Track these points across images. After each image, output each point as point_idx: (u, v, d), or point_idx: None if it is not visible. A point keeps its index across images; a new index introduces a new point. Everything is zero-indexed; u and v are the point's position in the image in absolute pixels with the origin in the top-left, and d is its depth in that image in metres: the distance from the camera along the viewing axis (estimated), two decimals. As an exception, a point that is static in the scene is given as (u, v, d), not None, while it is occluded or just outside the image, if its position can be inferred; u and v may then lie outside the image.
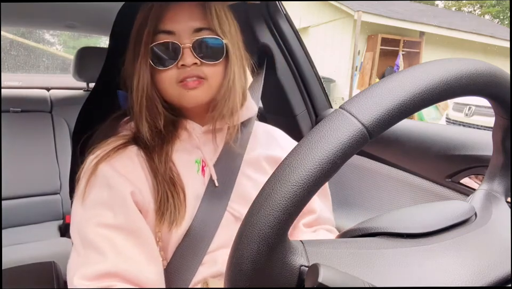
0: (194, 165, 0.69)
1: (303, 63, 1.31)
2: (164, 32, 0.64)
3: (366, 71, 8.65)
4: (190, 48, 0.63)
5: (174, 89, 0.65)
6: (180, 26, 0.64)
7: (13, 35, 3.46)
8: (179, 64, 0.63)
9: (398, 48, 8.74)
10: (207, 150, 0.70)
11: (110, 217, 0.60)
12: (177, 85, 0.64)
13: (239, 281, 0.30)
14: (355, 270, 0.33)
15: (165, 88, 0.66)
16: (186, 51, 0.63)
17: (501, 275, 0.34)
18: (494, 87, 0.37)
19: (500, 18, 17.31)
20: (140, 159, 0.65)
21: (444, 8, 16.95)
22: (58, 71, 3.98)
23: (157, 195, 0.63)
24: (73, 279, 0.57)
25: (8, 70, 3.30)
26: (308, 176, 0.29)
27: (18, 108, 1.78)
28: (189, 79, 0.64)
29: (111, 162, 0.63)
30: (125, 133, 0.69)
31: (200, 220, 0.65)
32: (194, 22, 0.65)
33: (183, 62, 0.63)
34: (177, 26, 0.64)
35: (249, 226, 0.30)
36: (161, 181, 0.63)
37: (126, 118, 0.71)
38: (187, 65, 0.63)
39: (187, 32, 0.64)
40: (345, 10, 8.69)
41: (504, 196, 0.46)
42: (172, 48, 0.64)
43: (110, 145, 0.66)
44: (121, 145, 0.66)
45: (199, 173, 0.68)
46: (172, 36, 0.64)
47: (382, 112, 0.31)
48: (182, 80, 0.64)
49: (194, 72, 0.64)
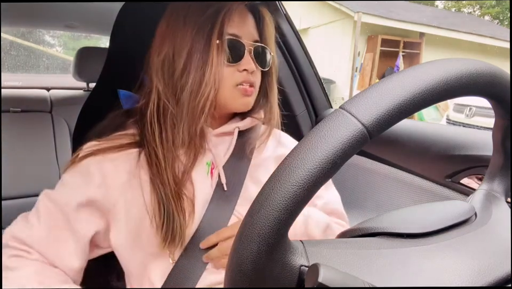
0: (205, 167, 0.69)
1: (303, 63, 1.31)
2: (232, 34, 0.66)
3: (366, 72, 8.66)
4: (251, 52, 0.67)
5: (232, 91, 0.66)
6: (244, 32, 0.67)
7: (13, 36, 3.46)
8: (240, 68, 0.66)
9: (398, 49, 8.75)
10: (218, 152, 0.70)
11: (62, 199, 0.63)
12: (234, 88, 0.66)
13: (239, 281, 0.30)
14: (355, 270, 0.33)
15: (223, 88, 0.66)
16: (247, 56, 0.67)
17: (501, 275, 0.34)
18: (494, 87, 0.37)
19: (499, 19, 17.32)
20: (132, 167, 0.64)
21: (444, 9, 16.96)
22: (58, 71, 3.98)
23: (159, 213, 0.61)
24: (6, 231, 0.64)
25: (8, 70, 3.30)
26: (308, 176, 0.29)
27: (18, 108, 1.78)
28: (245, 84, 0.66)
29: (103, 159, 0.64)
30: (132, 132, 0.68)
31: (207, 223, 0.64)
32: (253, 34, 0.69)
33: (246, 66, 0.66)
34: (242, 31, 0.67)
35: (249, 226, 0.30)
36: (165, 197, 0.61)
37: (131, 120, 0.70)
38: (249, 70, 0.66)
39: (249, 38, 0.68)
40: (345, 11, 8.69)
41: (504, 196, 0.46)
42: (239, 48, 0.66)
43: (112, 140, 0.66)
44: (125, 146, 0.65)
45: (208, 175, 0.68)
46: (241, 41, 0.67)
47: (382, 112, 0.31)
48: (239, 84, 0.66)
49: (251, 78, 0.67)
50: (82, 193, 0.63)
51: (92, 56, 1.83)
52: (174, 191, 0.62)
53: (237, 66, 0.66)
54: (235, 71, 0.66)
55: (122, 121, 0.70)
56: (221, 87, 0.65)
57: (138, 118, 0.68)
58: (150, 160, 0.63)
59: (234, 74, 0.66)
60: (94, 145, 0.65)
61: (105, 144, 0.65)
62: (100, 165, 0.63)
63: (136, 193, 0.63)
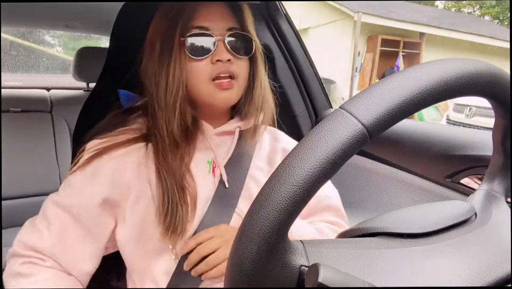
0: (206, 165, 0.69)
1: (303, 63, 1.31)
2: (198, 27, 0.64)
3: (366, 72, 8.65)
4: (224, 41, 0.64)
5: (207, 86, 0.64)
6: (213, 24, 0.65)
7: (13, 36, 3.46)
8: (213, 60, 0.63)
9: (398, 49, 8.75)
10: (219, 151, 0.70)
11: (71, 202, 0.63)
12: (210, 83, 0.64)
13: (239, 281, 0.30)
14: (355, 270, 0.33)
15: (197, 84, 0.65)
16: (220, 45, 0.64)
17: (501, 275, 0.34)
18: (494, 87, 0.37)
19: (499, 19, 17.32)
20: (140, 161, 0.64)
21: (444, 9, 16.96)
22: (58, 71, 3.98)
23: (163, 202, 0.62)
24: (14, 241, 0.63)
25: (8, 70, 3.30)
26: (308, 176, 0.29)
27: (18, 108, 1.78)
28: (222, 78, 0.64)
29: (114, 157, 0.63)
30: (136, 126, 0.68)
31: (208, 220, 0.65)
32: (227, 22, 0.66)
33: (218, 56, 0.63)
34: (211, 23, 0.65)
35: (249, 226, 0.30)
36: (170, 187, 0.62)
37: (137, 113, 0.70)
38: (222, 60, 0.63)
39: (220, 29, 0.65)
40: (345, 12, 8.69)
41: (504, 196, 0.46)
42: (207, 40, 0.64)
43: (119, 136, 0.66)
44: (130, 141, 0.65)
45: (210, 173, 0.68)
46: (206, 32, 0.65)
47: (382, 112, 0.31)
48: (216, 77, 0.64)
49: (227, 69, 0.64)
50: (95, 194, 0.63)
51: (92, 56, 1.83)
52: (178, 183, 0.63)
53: (210, 58, 0.64)
54: (208, 64, 0.64)
55: (122, 118, 0.70)
56: (194, 82, 0.65)
57: (143, 112, 0.69)
58: (157, 152, 0.64)
59: (207, 68, 0.64)
60: (98, 144, 0.65)
61: (109, 142, 0.65)
62: (108, 164, 0.63)
63: (144, 185, 0.64)
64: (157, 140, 0.65)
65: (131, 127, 0.68)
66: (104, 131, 0.68)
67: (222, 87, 0.64)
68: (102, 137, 0.66)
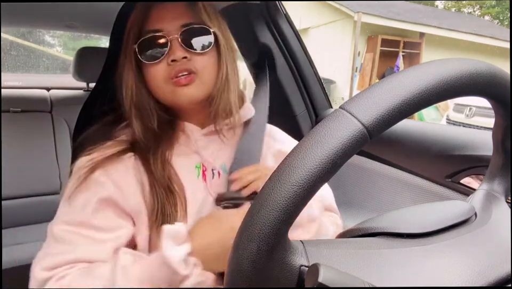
0: (194, 170, 0.67)
1: (303, 63, 1.31)
2: (151, 31, 0.63)
3: (366, 72, 8.65)
4: (178, 39, 0.62)
5: (166, 86, 0.64)
6: (167, 25, 0.63)
7: (13, 36, 3.46)
8: (169, 60, 0.62)
9: (398, 49, 8.75)
10: (208, 153, 0.69)
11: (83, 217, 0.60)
12: (169, 82, 0.63)
13: (239, 281, 0.30)
14: (355, 270, 0.33)
15: (157, 86, 0.64)
16: (175, 44, 0.62)
17: (501, 275, 0.34)
18: (494, 87, 0.37)
19: (499, 19, 17.32)
20: (135, 169, 0.64)
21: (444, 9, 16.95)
22: (58, 71, 3.98)
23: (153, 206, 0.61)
24: (34, 270, 0.58)
25: (8, 70, 3.29)
26: (308, 176, 0.29)
27: (18, 108, 1.78)
28: (180, 75, 0.62)
29: (107, 170, 0.62)
30: (123, 138, 0.68)
31: None
32: (181, 19, 0.64)
33: (173, 56, 0.62)
34: (164, 24, 0.63)
35: (249, 226, 0.30)
36: (158, 190, 0.61)
37: (123, 124, 0.69)
38: (177, 59, 0.62)
39: (174, 29, 0.63)
40: (345, 12, 8.69)
41: (504, 196, 0.46)
42: (160, 42, 0.63)
43: (107, 150, 0.64)
44: (119, 153, 0.64)
45: (200, 177, 0.67)
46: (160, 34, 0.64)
47: (382, 112, 0.31)
48: (174, 76, 0.62)
49: (185, 67, 0.62)
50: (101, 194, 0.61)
51: (91, 56, 1.83)
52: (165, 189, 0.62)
53: (166, 59, 0.63)
54: (164, 65, 0.63)
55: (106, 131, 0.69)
56: (153, 85, 0.65)
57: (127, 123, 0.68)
58: (142, 161, 0.64)
59: (163, 69, 0.63)
60: (89, 160, 0.63)
61: (99, 156, 0.63)
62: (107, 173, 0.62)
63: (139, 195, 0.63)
64: (139, 147, 0.65)
65: (118, 140, 0.67)
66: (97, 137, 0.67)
67: (180, 83, 0.63)
68: (89, 153, 0.64)
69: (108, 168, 0.62)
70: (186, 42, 0.63)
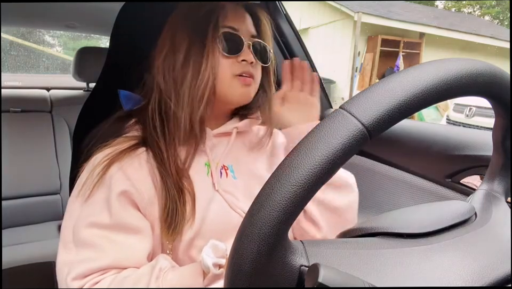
0: (204, 168, 0.69)
1: (303, 64, 1.30)
2: (230, 28, 0.68)
3: (366, 72, 8.66)
4: (250, 46, 0.69)
5: (231, 81, 0.68)
6: (242, 27, 0.69)
7: (12, 36, 3.46)
8: (239, 59, 0.67)
9: (398, 49, 8.75)
10: (217, 153, 0.71)
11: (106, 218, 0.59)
12: (233, 78, 0.68)
13: (239, 281, 0.30)
14: (355, 270, 0.33)
15: (222, 79, 0.67)
16: (246, 49, 0.68)
17: (501, 275, 0.34)
18: (494, 87, 0.37)
19: (499, 19, 17.32)
20: (148, 164, 0.64)
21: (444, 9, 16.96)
22: (58, 71, 3.98)
23: (165, 202, 0.62)
24: (67, 279, 0.57)
25: (8, 70, 3.30)
26: (308, 176, 0.29)
27: (18, 108, 1.78)
28: (245, 75, 0.68)
29: (122, 165, 0.62)
30: (134, 134, 0.68)
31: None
32: (252, 29, 0.71)
33: (245, 57, 0.68)
34: (241, 26, 0.69)
35: (249, 226, 0.30)
36: (170, 186, 0.62)
37: (132, 120, 0.70)
38: (248, 61, 0.68)
39: (247, 33, 0.70)
40: (345, 12, 8.70)
41: (504, 196, 0.46)
42: (236, 40, 0.68)
43: (120, 144, 0.65)
44: (133, 147, 0.65)
45: (209, 175, 0.69)
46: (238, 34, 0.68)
47: (382, 112, 0.31)
48: (240, 74, 0.68)
49: (250, 69, 0.69)
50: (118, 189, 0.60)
51: (91, 56, 1.83)
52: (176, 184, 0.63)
53: (236, 57, 0.68)
54: (234, 62, 0.68)
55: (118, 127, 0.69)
56: (220, 77, 0.67)
57: (140, 119, 0.69)
58: (155, 156, 0.64)
59: (233, 65, 0.68)
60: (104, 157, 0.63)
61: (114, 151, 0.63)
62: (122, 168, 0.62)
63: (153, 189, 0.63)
64: (153, 144, 0.65)
65: (129, 135, 0.68)
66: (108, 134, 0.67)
67: (245, 82, 0.68)
68: (103, 149, 0.64)
69: (123, 162, 0.63)
70: (256, 52, 0.70)
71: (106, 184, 0.61)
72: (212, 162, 0.69)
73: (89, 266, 0.57)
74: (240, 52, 0.68)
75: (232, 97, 0.69)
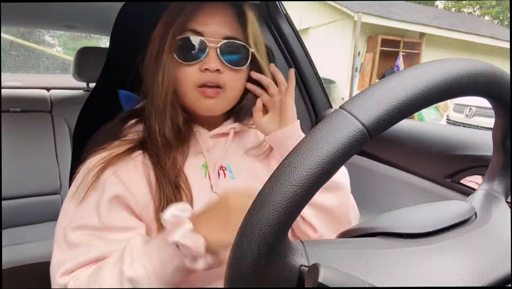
0: (202, 169, 0.68)
1: (303, 63, 1.31)
2: (192, 31, 0.63)
3: (366, 72, 8.66)
4: (217, 49, 0.62)
5: (192, 92, 0.64)
6: (210, 29, 0.63)
7: (12, 36, 3.46)
8: (202, 68, 0.62)
9: (398, 49, 8.75)
10: (212, 154, 0.69)
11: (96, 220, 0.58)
12: (195, 89, 0.63)
13: (239, 281, 0.30)
14: (355, 270, 0.33)
15: (183, 90, 0.64)
16: (212, 53, 0.62)
17: (501, 275, 0.34)
18: (494, 87, 0.37)
19: (499, 19, 17.33)
20: (144, 167, 0.63)
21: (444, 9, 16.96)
22: (58, 71, 3.98)
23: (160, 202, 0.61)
24: (55, 276, 0.56)
25: (8, 70, 3.30)
26: (307, 176, 0.29)
27: (18, 108, 1.78)
28: (208, 85, 0.63)
29: (116, 169, 0.61)
30: (131, 137, 0.67)
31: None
32: (225, 29, 0.64)
33: (207, 65, 0.62)
34: (208, 28, 0.63)
35: (249, 226, 0.30)
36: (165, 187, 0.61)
37: (132, 121, 0.69)
38: (210, 70, 0.62)
39: (215, 36, 0.63)
40: (345, 12, 8.70)
41: (504, 196, 0.46)
42: (198, 45, 0.62)
43: (116, 148, 0.64)
44: (128, 151, 0.64)
45: (206, 177, 0.67)
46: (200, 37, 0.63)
47: (382, 112, 0.31)
48: (202, 85, 0.63)
49: (215, 79, 0.63)
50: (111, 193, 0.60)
51: (91, 56, 1.83)
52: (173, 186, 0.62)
53: (199, 65, 0.63)
54: (196, 70, 0.63)
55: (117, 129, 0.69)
56: (182, 88, 0.64)
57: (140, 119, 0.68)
58: (150, 156, 0.64)
59: (194, 74, 0.63)
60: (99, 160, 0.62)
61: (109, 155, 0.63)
62: (116, 172, 0.61)
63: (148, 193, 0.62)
64: (151, 144, 0.64)
65: (127, 138, 0.67)
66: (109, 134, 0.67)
67: (206, 94, 0.63)
68: (99, 152, 0.64)
69: (117, 167, 0.62)
70: (225, 55, 0.63)
71: (100, 189, 0.60)
72: (209, 163, 0.68)
73: (77, 261, 0.57)
74: (199, 59, 0.62)
75: (197, 109, 0.65)
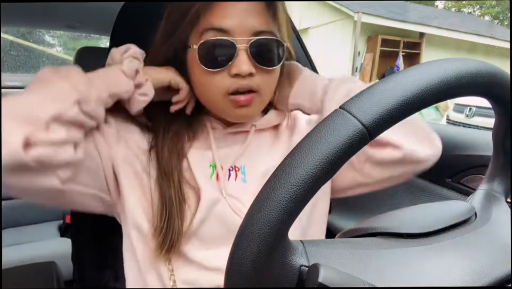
0: (209, 169, 0.62)
1: (303, 63, 1.30)
2: (215, 30, 0.53)
3: (366, 72, 8.66)
4: (247, 50, 0.53)
5: (223, 101, 0.56)
6: (236, 24, 0.53)
7: (13, 36, 3.46)
8: (232, 73, 0.54)
9: (398, 49, 8.75)
10: (227, 153, 0.63)
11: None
12: (226, 97, 0.55)
13: (239, 281, 0.30)
14: (355, 270, 0.33)
15: (210, 98, 0.57)
16: (242, 54, 0.53)
17: (501, 275, 0.34)
18: (494, 87, 0.37)
19: (499, 19, 17.33)
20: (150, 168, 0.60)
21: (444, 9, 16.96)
22: (58, 71, 3.97)
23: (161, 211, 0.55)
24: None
25: (8, 70, 3.30)
26: (308, 176, 0.29)
27: (18, 108, 1.78)
28: (241, 92, 0.55)
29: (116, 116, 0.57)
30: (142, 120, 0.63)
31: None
32: (254, 22, 0.54)
33: (237, 70, 0.53)
34: (233, 23, 0.53)
35: (249, 226, 0.30)
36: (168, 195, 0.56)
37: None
38: (242, 74, 0.53)
39: (244, 32, 0.53)
40: (345, 12, 8.70)
41: (504, 196, 0.46)
42: (225, 48, 0.53)
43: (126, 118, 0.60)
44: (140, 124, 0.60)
45: (213, 178, 0.62)
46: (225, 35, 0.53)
47: (382, 112, 0.31)
48: (233, 92, 0.55)
49: (248, 84, 0.54)
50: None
51: (91, 56, 1.82)
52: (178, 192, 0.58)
53: (228, 69, 0.54)
54: (225, 76, 0.54)
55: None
56: (209, 97, 0.57)
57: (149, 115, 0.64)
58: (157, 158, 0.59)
59: (223, 81, 0.55)
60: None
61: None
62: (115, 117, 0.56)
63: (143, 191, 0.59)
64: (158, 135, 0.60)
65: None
66: None
67: (239, 103, 0.55)
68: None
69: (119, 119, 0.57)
70: (255, 55, 0.54)
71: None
72: (218, 162, 0.62)
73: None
74: (230, 63, 0.53)
75: (229, 118, 0.59)
